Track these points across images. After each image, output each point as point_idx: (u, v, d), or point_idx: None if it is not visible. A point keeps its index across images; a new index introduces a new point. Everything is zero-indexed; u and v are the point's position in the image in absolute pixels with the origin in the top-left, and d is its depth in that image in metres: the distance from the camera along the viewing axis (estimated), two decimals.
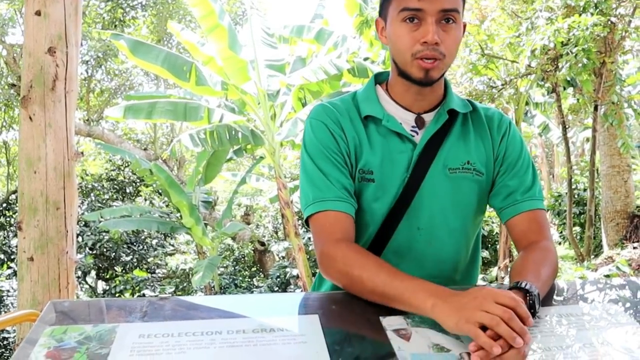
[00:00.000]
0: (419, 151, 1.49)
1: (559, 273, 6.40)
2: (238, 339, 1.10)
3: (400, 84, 1.51)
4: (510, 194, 1.54)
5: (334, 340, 1.11)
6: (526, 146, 1.63)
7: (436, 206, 1.50)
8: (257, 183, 14.60)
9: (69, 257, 2.62)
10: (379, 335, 1.14)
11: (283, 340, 1.10)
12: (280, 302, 1.48)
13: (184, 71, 8.46)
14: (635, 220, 9.96)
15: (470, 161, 1.52)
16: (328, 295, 1.40)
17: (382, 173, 1.49)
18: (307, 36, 10.05)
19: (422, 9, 1.34)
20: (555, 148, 22.63)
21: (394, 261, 1.48)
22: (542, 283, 1.28)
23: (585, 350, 1.12)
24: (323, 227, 1.43)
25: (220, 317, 1.21)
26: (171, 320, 1.18)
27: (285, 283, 11.92)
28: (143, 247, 13.53)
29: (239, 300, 1.52)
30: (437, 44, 1.35)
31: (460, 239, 1.57)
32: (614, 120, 7.98)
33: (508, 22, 8.90)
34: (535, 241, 1.47)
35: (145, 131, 18.07)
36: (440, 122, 1.51)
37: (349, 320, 1.25)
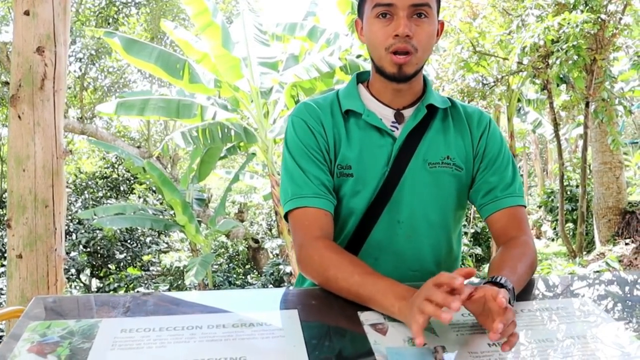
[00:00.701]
0: (399, 145, 1.51)
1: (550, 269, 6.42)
2: (218, 333, 1.12)
3: (379, 81, 1.54)
4: (490, 190, 1.56)
5: (312, 334, 1.13)
6: (506, 143, 1.65)
7: (416, 200, 1.52)
8: (251, 180, 14.60)
9: (58, 254, 2.64)
10: (356, 329, 1.16)
11: (262, 335, 1.12)
12: (262, 297, 1.51)
13: (177, 69, 8.45)
14: (627, 216, 9.99)
15: (449, 156, 1.54)
16: (308, 291, 1.42)
17: (360, 167, 1.51)
18: (299, 34, 10.04)
19: (393, 3, 1.38)
20: (549, 145, 22.68)
21: (374, 255, 1.52)
22: (518, 278, 1.30)
23: (563, 343, 1.13)
24: (301, 223, 1.45)
25: (201, 312, 1.23)
26: (153, 315, 1.20)
27: (279, 280, 11.93)
28: (137, 245, 13.51)
29: (221, 295, 1.54)
30: (408, 36, 1.38)
31: (440, 233, 1.58)
32: (604, 117, 8.01)
33: (499, 20, 8.92)
34: (514, 237, 1.49)
35: (139, 129, 18.04)
36: (419, 117, 1.53)
37: (328, 315, 1.26)
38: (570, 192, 12.69)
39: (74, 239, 12.37)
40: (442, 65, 9.61)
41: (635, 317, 1.27)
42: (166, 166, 15.26)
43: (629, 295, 1.41)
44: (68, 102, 15.90)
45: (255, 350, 1.08)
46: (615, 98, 8.17)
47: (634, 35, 8.12)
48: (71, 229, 12.53)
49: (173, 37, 8.89)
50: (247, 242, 14.40)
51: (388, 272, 1.30)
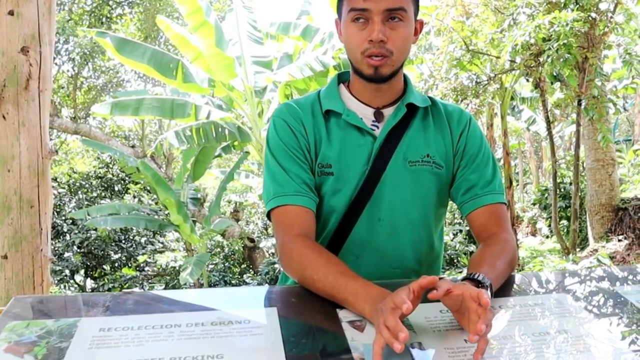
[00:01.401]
0: (379, 144, 1.52)
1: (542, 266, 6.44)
2: (196, 331, 1.12)
3: (358, 81, 1.56)
4: (470, 188, 1.57)
5: (290, 332, 1.13)
6: (486, 141, 1.66)
7: (397, 198, 1.53)
8: (247, 180, 14.59)
9: (44, 254, 2.63)
10: (334, 327, 1.17)
11: (240, 333, 1.13)
12: (242, 295, 1.51)
13: (171, 69, 8.44)
14: (620, 213, 10.01)
15: (429, 154, 1.55)
16: (289, 289, 1.43)
17: (341, 166, 1.52)
18: (293, 33, 10.03)
19: (368, 8, 1.39)
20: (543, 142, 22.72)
21: (356, 253, 1.54)
22: (497, 274, 1.31)
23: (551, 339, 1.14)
24: (282, 221, 1.46)
25: (181, 310, 1.23)
26: (133, 314, 1.20)
27: (275, 279, 11.89)
28: (132, 245, 13.45)
29: (202, 293, 1.54)
30: (382, 41, 1.40)
31: (421, 231, 1.59)
32: (595, 114, 8.03)
33: (491, 18, 8.93)
34: (494, 234, 1.50)
35: (133, 128, 18.00)
36: (399, 116, 1.54)
37: (307, 312, 1.27)
38: (564, 190, 12.71)
39: (68, 240, 12.32)
40: (435, 63, 9.62)
41: (621, 312, 1.27)
42: (161, 166, 15.23)
43: (616, 291, 1.41)
44: (61, 102, 15.88)
45: (233, 348, 1.08)
46: (606, 95, 8.18)
47: (624, 34, 8.13)
48: (65, 230, 12.48)
49: (169, 33, 8.86)
50: (243, 241, 14.36)
51: (369, 270, 1.31)
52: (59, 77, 15.59)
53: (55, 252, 11.98)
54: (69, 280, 12.78)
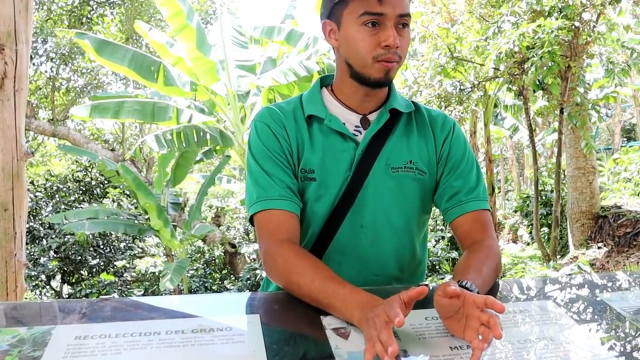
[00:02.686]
0: (362, 150, 1.51)
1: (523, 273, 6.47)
2: (176, 339, 1.09)
3: (348, 86, 1.53)
4: (454, 194, 1.56)
5: (273, 339, 1.11)
6: (470, 147, 1.65)
7: (379, 204, 1.52)
8: (228, 185, 14.53)
9: (18, 259, 2.58)
10: (318, 334, 1.14)
11: (221, 340, 1.10)
12: (224, 302, 1.49)
13: (152, 71, 8.38)
14: (600, 220, 10.14)
15: (412, 160, 1.54)
16: (271, 296, 1.41)
17: (323, 172, 1.51)
18: (277, 37, 10.02)
19: (384, 13, 1.37)
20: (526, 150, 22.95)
21: (338, 259, 1.52)
22: (484, 281, 1.30)
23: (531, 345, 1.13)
24: (266, 226, 1.44)
25: (160, 317, 1.20)
26: (110, 321, 1.17)
27: (256, 285, 11.85)
28: (110, 250, 13.35)
29: (182, 300, 1.51)
30: (397, 46, 1.39)
31: (404, 238, 1.58)
32: (577, 122, 8.12)
33: (476, 26, 9.00)
34: (478, 240, 1.49)
35: (113, 131, 17.88)
36: (382, 121, 1.53)
37: (290, 319, 1.25)
38: (545, 197, 12.83)
39: (44, 245, 12.18)
40: (419, 70, 9.67)
41: (601, 318, 1.28)
42: (141, 170, 15.12)
43: (597, 297, 1.41)
44: (39, 103, 15.72)
45: (214, 356, 1.06)
46: (589, 103, 8.28)
47: (607, 44, 8.24)
48: (41, 234, 12.34)
49: (148, 40, 8.81)
50: (224, 246, 14.33)
51: (351, 277, 1.29)
52: (37, 77, 15.45)
53: (31, 257, 11.86)
54: (45, 286, 12.64)
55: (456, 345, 1.10)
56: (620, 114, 21.61)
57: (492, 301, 1.04)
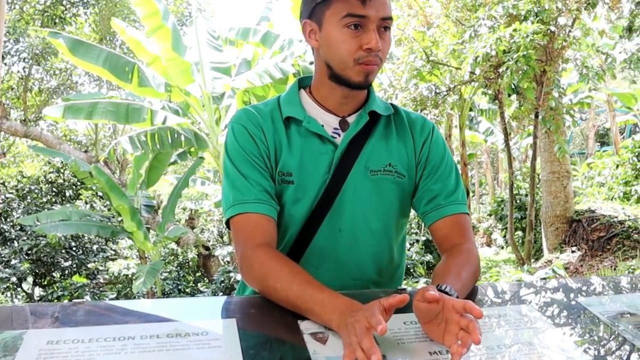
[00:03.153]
0: (340, 152, 1.49)
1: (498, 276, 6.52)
2: (151, 344, 1.08)
3: (327, 87, 1.51)
4: (433, 198, 1.55)
5: (250, 344, 1.09)
6: (449, 151, 1.65)
7: (358, 208, 1.51)
8: (202, 187, 14.45)
9: None
10: (295, 338, 1.13)
11: (197, 345, 1.08)
12: (200, 306, 1.47)
13: (126, 72, 8.31)
14: (574, 224, 10.26)
15: (391, 163, 1.53)
16: (248, 299, 1.39)
17: (301, 175, 1.49)
18: (253, 39, 10.00)
19: (367, 15, 1.36)
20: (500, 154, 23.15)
21: (315, 263, 1.50)
22: (463, 285, 1.30)
23: (509, 350, 1.12)
24: (243, 230, 1.42)
25: (135, 322, 1.18)
26: (83, 325, 1.15)
27: (230, 288, 11.79)
28: (83, 252, 13.20)
29: (157, 304, 1.49)
30: (378, 49, 1.38)
31: (382, 241, 1.57)
32: (552, 126, 8.20)
33: (452, 30, 9.06)
34: (457, 244, 1.49)
35: (86, 132, 17.68)
36: (361, 124, 1.52)
37: (267, 324, 1.24)
38: (520, 201, 12.94)
39: (16, 246, 12.01)
40: (395, 73, 9.70)
41: (578, 322, 1.28)
42: (114, 171, 14.97)
43: (567, 301, 1.42)
44: (10, 104, 15.49)
45: None
46: (563, 108, 8.37)
47: (582, 49, 8.34)
48: (13, 236, 12.17)
49: (124, 37, 8.73)
50: (198, 249, 14.24)
51: (329, 281, 1.28)
52: (9, 78, 15.24)
53: (2, 260, 11.72)
54: (16, 288, 12.47)
55: (435, 350, 1.09)
56: (594, 119, 21.90)
57: (471, 306, 1.03)
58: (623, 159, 12.20)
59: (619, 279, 1.65)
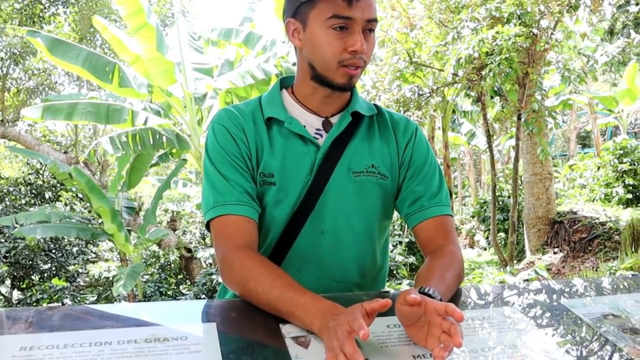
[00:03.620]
0: (323, 154, 1.48)
1: (481, 278, 6.54)
2: (128, 349, 1.05)
3: (309, 88, 1.50)
4: (417, 199, 1.54)
5: (230, 348, 1.07)
6: (432, 152, 1.64)
7: (340, 209, 1.49)
8: (184, 189, 14.40)
9: None
10: (277, 343, 1.11)
11: (176, 350, 1.05)
12: (179, 309, 1.44)
13: (107, 72, 8.25)
14: (556, 226, 10.35)
15: (374, 164, 1.52)
16: (228, 303, 1.37)
17: (283, 176, 1.47)
18: (235, 40, 9.97)
19: (353, 17, 1.34)
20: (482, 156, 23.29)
21: (298, 266, 1.49)
22: (446, 287, 1.29)
23: (496, 352, 1.11)
24: (223, 232, 1.40)
25: (112, 326, 1.15)
26: (59, 330, 1.12)
27: (212, 290, 11.76)
28: (62, 255, 13.08)
29: (135, 308, 1.46)
30: (362, 52, 1.37)
31: (365, 243, 1.55)
32: (534, 128, 8.25)
33: (435, 31, 9.09)
34: (441, 246, 1.48)
35: (66, 133, 17.54)
36: (343, 125, 1.51)
37: (248, 328, 1.21)
38: (502, 203, 13.04)
39: None
40: (378, 75, 9.72)
41: (562, 324, 1.27)
42: (95, 173, 14.87)
43: (551, 303, 1.42)
44: None
45: None
46: (545, 110, 8.43)
47: (564, 51, 8.41)
48: None
49: (106, 35, 8.65)
50: (180, 251, 14.18)
51: (312, 284, 1.26)
52: None
53: None
54: None
55: (419, 354, 1.08)
56: (576, 121, 22.11)
57: (452, 309, 1.02)
58: (604, 161, 12.32)
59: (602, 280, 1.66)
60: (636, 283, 1.58)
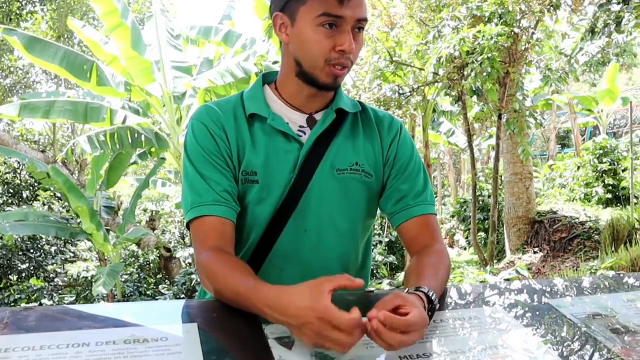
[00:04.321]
0: (306, 151, 1.46)
1: (462, 277, 6.57)
2: (107, 351, 1.02)
3: (294, 85, 1.48)
4: (401, 198, 1.53)
5: (212, 349, 1.05)
6: (417, 151, 1.63)
7: (324, 208, 1.48)
8: (164, 188, 14.32)
9: None
10: (260, 344, 1.09)
11: (156, 352, 1.03)
12: (160, 310, 1.41)
13: (85, 70, 8.17)
14: (536, 226, 10.42)
15: (358, 162, 1.51)
16: (209, 303, 1.34)
17: (266, 174, 1.45)
18: (215, 38, 9.94)
19: (343, 16, 1.32)
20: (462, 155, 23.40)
21: (280, 265, 1.47)
22: (440, 287, 1.30)
23: (482, 353, 1.11)
24: (198, 235, 1.39)
25: (90, 327, 1.12)
26: (35, 332, 1.09)
27: (192, 290, 11.73)
28: (41, 254, 12.98)
29: (114, 308, 1.42)
30: (350, 52, 1.36)
31: (349, 242, 1.54)
32: (515, 128, 8.30)
33: (416, 30, 9.11)
34: (428, 245, 1.47)
35: (44, 132, 17.38)
36: (327, 122, 1.49)
37: (230, 328, 1.19)
38: (483, 202, 13.11)
39: None
40: (359, 74, 9.72)
41: (543, 324, 1.27)
42: (73, 172, 14.73)
43: (537, 303, 1.41)
44: None
45: None
46: (527, 110, 8.48)
47: (545, 51, 8.47)
48: None
49: (81, 37, 8.58)
50: (159, 251, 14.12)
51: (294, 283, 1.24)
52: None
53: None
54: None
55: (406, 355, 1.07)
56: (556, 121, 22.29)
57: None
58: (584, 161, 12.43)
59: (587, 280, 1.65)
60: (620, 283, 1.59)
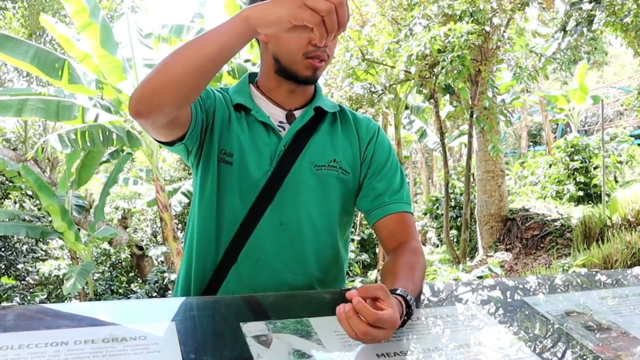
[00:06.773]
0: (284, 145, 1.50)
1: (435, 275, 6.61)
2: (86, 349, 1.02)
3: (274, 81, 1.53)
4: (378, 196, 1.56)
5: (190, 348, 1.06)
6: (394, 151, 1.68)
7: (300, 202, 1.51)
8: (135, 187, 14.21)
9: None
10: (238, 341, 1.10)
11: (135, 350, 1.04)
12: (138, 308, 1.41)
13: (56, 68, 8.06)
14: (508, 223, 10.49)
15: (336, 159, 1.55)
16: (188, 301, 1.35)
17: (242, 160, 1.49)
18: (186, 36, 9.87)
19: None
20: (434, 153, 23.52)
21: (256, 257, 1.49)
22: (417, 289, 1.31)
23: (456, 350, 1.12)
24: None
25: (68, 326, 1.12)
26: (12, 331, 1.09)
27: (164, 288, 11.66)
28: (12, 253, 12.82)
29: (92, 307, 1.42)
30: (326, 45, 1.41)
31: (325, 237, 1.57)
32: (485, 125, 8.36)
33: (388, 28, 9.14)
34: (404, 242, 1.49)
35: (15, 130, 17.12)
36: (306, 118, 1.54)
37: (208, 326, 1.20)
38: (455, 200, 13.16)
39: None
40: (330, 72, 9.72)
41: (517, 321, 1.29)
42: (44, 170, 14.55)
43: (510, 300, 1.42)
44: None
45: None
46: (497, 107, 8.54)
47: (515, 49, 8.54)
48: None
49: (53, 33, 8.47)
50: (131, 249, 14.02)
51: (269, 275, 1.28)
52: None
53: None
54: None
55: (383, 352, 1.08)
56: (527, 119, 22.50)
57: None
58: (556, 159, 12.56)
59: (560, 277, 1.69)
60: (592, 280, 1.61)
